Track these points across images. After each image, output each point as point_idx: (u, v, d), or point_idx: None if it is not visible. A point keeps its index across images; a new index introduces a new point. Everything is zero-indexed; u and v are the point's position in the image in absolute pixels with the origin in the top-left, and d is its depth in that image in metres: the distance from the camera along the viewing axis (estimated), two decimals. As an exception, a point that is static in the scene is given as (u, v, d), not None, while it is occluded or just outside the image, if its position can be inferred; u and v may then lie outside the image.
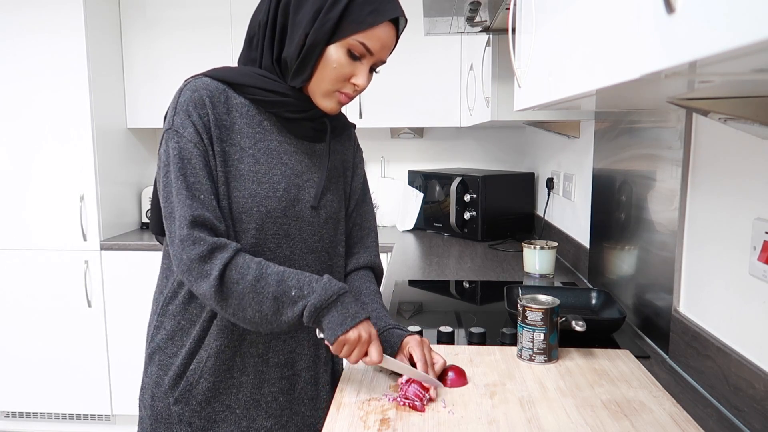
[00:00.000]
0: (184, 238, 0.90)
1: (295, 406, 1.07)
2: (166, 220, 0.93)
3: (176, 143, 0.93)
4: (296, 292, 0.91)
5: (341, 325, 0.91)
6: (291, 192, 1.01)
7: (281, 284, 0.91)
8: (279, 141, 1.01)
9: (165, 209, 0.93)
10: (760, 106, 0.72)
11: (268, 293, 0.90)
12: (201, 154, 0.93)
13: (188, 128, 0.93)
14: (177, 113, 0.94)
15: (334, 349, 0.93)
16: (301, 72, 0.96)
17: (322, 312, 0.91)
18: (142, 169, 3.04)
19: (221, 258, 0.90)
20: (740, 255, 0.96)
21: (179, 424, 1.01)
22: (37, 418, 2.78)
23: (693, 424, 0.88)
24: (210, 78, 0.97)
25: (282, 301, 0.91)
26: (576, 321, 1.13)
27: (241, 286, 0.90)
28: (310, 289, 0.92)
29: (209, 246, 0.90)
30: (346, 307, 0.92)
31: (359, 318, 0.93)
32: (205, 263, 0.90)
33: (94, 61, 2.59)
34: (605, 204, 1.65)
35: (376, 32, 0.94)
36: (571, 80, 0.69)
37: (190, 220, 0.90)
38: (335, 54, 0.95)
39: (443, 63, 2.77)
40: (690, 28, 0.37)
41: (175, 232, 0.91)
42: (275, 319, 0.91)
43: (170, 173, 0.92)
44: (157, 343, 1.03)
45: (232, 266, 0.90)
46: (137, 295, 2.65)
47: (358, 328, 0.92)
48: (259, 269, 0.91)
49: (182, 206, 0.91)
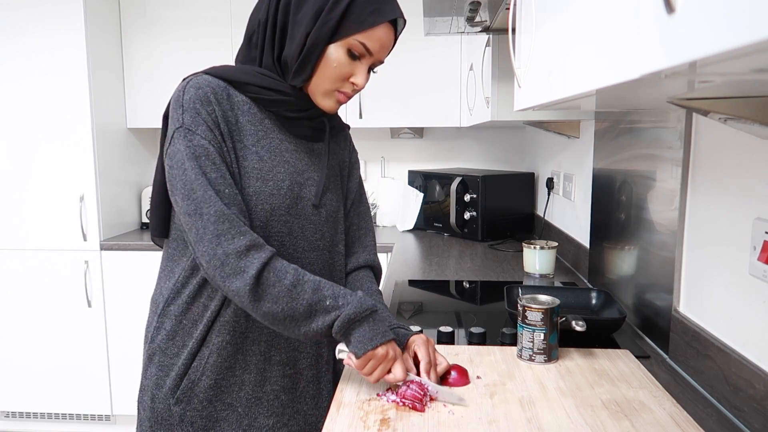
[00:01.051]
0: (220, 232, 0.89)
1: (297, 404, 1.07)
2: (192, 218, 0.91)
3: (190, 141, 0.92)
4: (331, 302, 0.92)
5: (372, 340, 0.92)
6: (294, 190, 1.01)
7: (317, 292, 0.92)
8: (280, 139, 1.01)
9: (188, 207, 0.91)
10: (760, 106, 0.72)
11: (304, 299, 0.91)
12: (217, 150, 0.93)
13: (200, 125, 0.92)
14: (186, 111, 0.93)
15: (359, 364, 0.93)
16: (301, 71, 0.97)
17: (353, 325, 0.93)
18: (142, 169, 3.04)
19: (259, 257, 0.90)
20: (740, 255, 0.96)
21: (180, 425, 1.01)
22: (37, 418, 2.78)
23: (693, 424, 0.88)
24: (211, 75, 0.97)
25: (316, 309, 0.91)
26: (576, 321, 1.13)
27: (278, 289, 0.90)
28: (345, 300, 0.93)
29: (246, 243, 0.90)
30: (378, 324, 0.94)
31: (388, 337, 0.94)
32: (240, 260, 0.89)
33: (94, 61, 2.59)
34: (605, 204, 1.65)
35: (376, 33, 0.95)
36: (571, 80, 0.69)
37: (222, 214, 0.89)
38: (335, 53, 0.95)
39: (443, 63, 2.77)
40: (690, 28, 0.37)
41: (206, 228, 0.90)
42: (305, 325, 0.92)
43: (188, 171, 0.91)
44: (157, 344, 1.03)
45: (270, 268, 0.90)
46: (137, 295, 2.65)
47: (386, 346, 0.94)
48: (297, 275, 0.92)
49: (210, 201, 0.90)
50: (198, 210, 0.90)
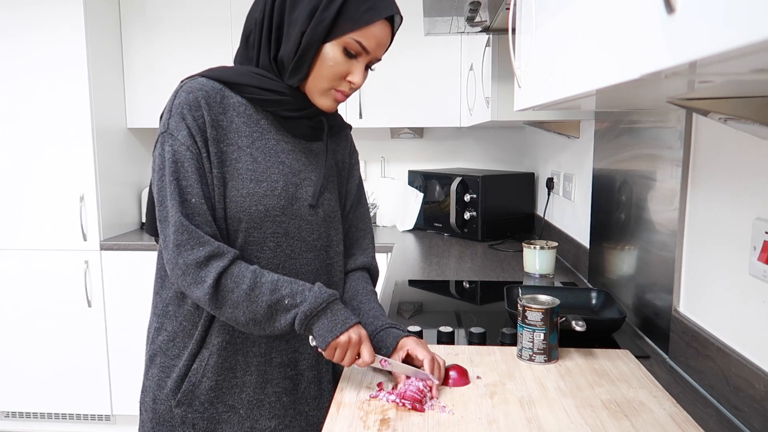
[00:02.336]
0: (179, 243, 0.91)
1: (299, 405, 1.07)
2: (161, 224, 0.94)
3: (170, 146, 0.93)
4: (289, 300, 0.94)
5: (331, 331, 0.94)
6: (289, 190, 1.01)
7: (275, 293, 0.94)
8: (276, 140, 1.01)
9: (159, 213, 0.94)
10: (760, 106, 0.72)
11: (262, 302, 0.93)
12: (194, 157, 0.94)
13: (182, 131, 0.93)
14: (172, 116, 0.94)
15: (327, 354, 0.95)
16: (297, 71, 0.97)
17: (312, 319, 0.94)
18: (142, 169, 3.04)
19: (217, 266, 0.92)
20: (740, 255, 0.96)
21: (182, 426, 1.01)
22: (37, 418, 2.78)
23: (693, 424, 0.88)
24: (206, 78, 0.97)
25: (275, 309, 0.93)
26: (576, 321, 1.13)
27: (236, 294, 0.92)
28: (302, 297, 0.94)
29: (206, 252, 0.91)
30: (336, 314, 0.95)
31: (349, 323, 0.96)
32: (200, 269, 0.91)
33: (94, 61, 2.59)
34: (605, 204, 1.65)
35: (372, 30, 0.94)
36: (571, 80, 0.69)
37: (184, 225, 0.91)
38: (331, 52, 0.95)
39: (443, 63, 2.77)
40: (690, 28, 0.37)
41: (169, 237, 0.92)
42: (268, 325, 0.94)
43: (165, 177, 0.93)
44: (158, 345, 1.03)
45: (227, 275, 0.92)
46: (137, 295, 2.65)
47: (348, 332, 0.95)
48: (254, 278, 0.93)
49: (176, 210, 0.91)
50: (166, 218, 0.93)
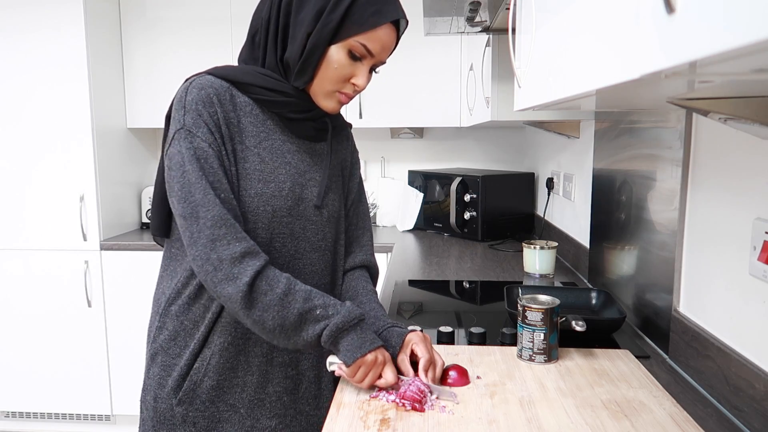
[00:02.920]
0: (216, 237, 0.89)
1: (299, 405, 1.07)
2: (187, 221, 0.91)
3: (190, 143, 0.92)
4: (321, 311, 0.93)
5: (360, 348, 0.94)
6: (295, 191, 1.01)
7: (308, 302, 0.93)
8: (282, 140, 1.01)
9: (184, 209, 0.91)
10: (760, 106, 0.72)
11: (294, 309, 0.92)
12: (216, 154, 0.93)
13: (201, 127, 0.92)
14: (188, 112, 0.93)
15: (350, 372, 0.95)
16: (303, 73, 0.96)
17: (342, 334, 0.94)
18: (142, 169, 3.04)
19: (253, 265, 0.90)
20: (740, 255, 0.96)
21: (183, 425, 1.01)
22: (37, 418, 2.78)
23: (693, 424, 0.88)
24: (213, 76, 0.97)
25: (306, 318, 0.93)
26: (576, 321, 1.13)
27: (269, 297, 0.91)
28: (335, 310, 0.94)
29: (242, 249, 0.90)
30: (365, 332, 0.96)
31: (376, 344, 0.96)
32: (234, 266, 0.90)
33: (94, 61, 2.59)
34: (605, 204, 1.65)
35: (377, 34, 0.94)
36: (571, 80, 0.69)
37: (221, 218, 0.90)
38: (336, 55, 0.95)
39: (443, 63, 2.77)
40: (690, 28, 0.37)
41: (202, 232, 0.90)
42: (294, 334, 0.93)
43: (188, 173, 0.91)
44: (160, 344, 1.03)
45: (263, 276, 0.91)
46: (137, 295, 2.65)
47: (375, 352, 0.95)
48: (288, 284, 0.93)
49: (209, 205, 0.90)
50: (195, 213, 0.90)
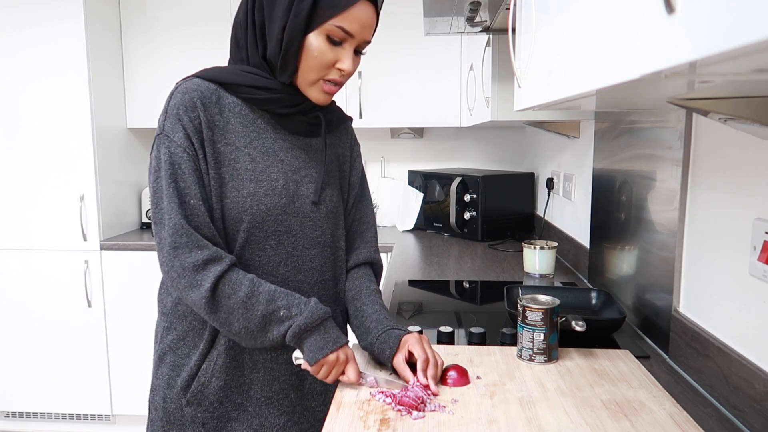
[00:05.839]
0: (177, 245, 0.91)
1: (306, 401, 1.08)
2: (156, 226, 0.93)
3: (167, 148, 0.93)
4: (284, 312, 0.95)
5: (322, 349, 0.95)
6: (289, 188, 1.01)
7: (271, 303, 0.94)
8: (274, 138, 1.01)
9: (155, 215, 0.93)
10: (760, 106, 0.72)
11: (258, 311, 0.93)
12: (191, 159, 0.94)
13: (178, 132, 0.93)
14: (168, 117, 0.94)
15: (313, 370, 0.97)
16: (286, 67, 0.96)
17: (305, 334, 0.95)
18: (142, 169, 3.04)
19: (214, 270, 0.92)
20: (740, 255, 0.96)
21: (192, 425, 1.01)
22: (37, 418, 2.78)
23: (693, 424, 0.88)
24: (201, 79, 0.97)
25: (270, 319, 0.94)
26: (576, 321, 1.13)
27: (233, 300, 0.92)
28: (298, 310, 0.95)
29: (204, 256, 0.92)
30: (329, 332, 0.97)
31: (339, 343, 0.97)
32: (197, 273, 0.91)
33: (94, 61, 2.59)
34: (605, 204, 1.65)
35: (352, 13, 0.92)
36: (571, 80, 0.69)
37: (180, 227, 0.91)
38: (315, 42, 0.94)
39: (443, 63, 2.77)
40: (690, 28, 0.37)
41: (165, 239, 0.92)
42: (260, 335, 0.95)
43: (161, 179, 0.93)
44: (168, 344, 1.03)
45: (225, 280, 0.92)
46: (137, 295, 2.65)
47: (337, 352, 0.97)
48: (252, 286, 0.94)
49: (172, 213, 0.91)
50: (161, 219, 0.93)
